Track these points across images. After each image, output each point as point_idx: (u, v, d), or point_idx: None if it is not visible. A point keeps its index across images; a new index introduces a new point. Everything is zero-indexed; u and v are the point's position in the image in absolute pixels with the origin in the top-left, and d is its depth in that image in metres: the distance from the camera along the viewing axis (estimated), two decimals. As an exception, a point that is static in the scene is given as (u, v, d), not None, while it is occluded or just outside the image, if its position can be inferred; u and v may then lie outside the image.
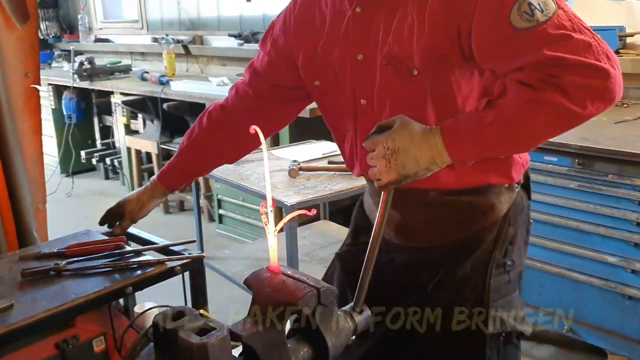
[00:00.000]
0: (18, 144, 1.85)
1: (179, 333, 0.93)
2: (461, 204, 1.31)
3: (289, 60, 1.46)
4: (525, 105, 1.05)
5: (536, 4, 1.04)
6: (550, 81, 1.02)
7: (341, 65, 1.33)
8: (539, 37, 1.03)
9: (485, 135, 1.10)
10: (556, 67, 1.01)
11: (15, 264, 1.63)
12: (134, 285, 1.53)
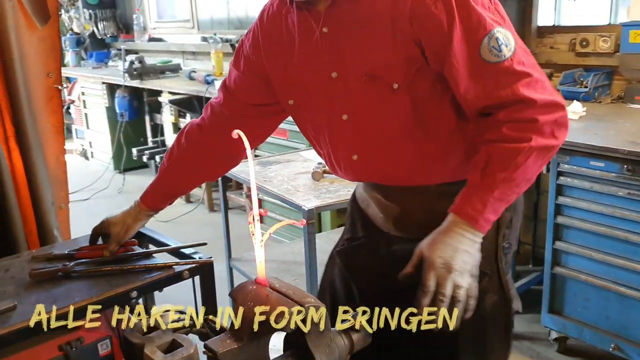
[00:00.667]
0: (39, 144, 1.87)
1: (145, 349, 0.88)
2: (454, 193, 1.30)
3: (262, 78, 1.45)
4: (519, 159, 1.14)
5: (502, 38, 1.13)
6: (529, 127, 1.13)
7: (315, 84, 1.33)
8: (508, 71, 1.14)
9: (499, 203, 1.17)
10: (527, 109, 1.12)
11: (28, 263, 1.63)
12: (139, 289, 1.50)
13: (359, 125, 1.31)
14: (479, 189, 1.17)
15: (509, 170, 1.15)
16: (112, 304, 1.49)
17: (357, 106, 1.30)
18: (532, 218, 3.60)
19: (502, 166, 1.15)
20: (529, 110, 1.13)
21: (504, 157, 1.15)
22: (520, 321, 3.12)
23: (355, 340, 1.13)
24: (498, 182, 1.16)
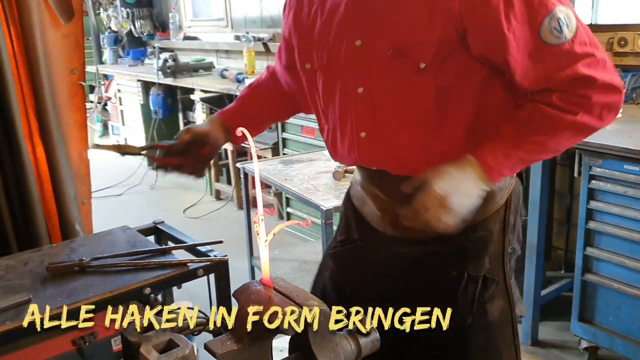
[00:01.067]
0: (62, 139, 1.89)
1: (140, 348, 0.87)
2: None
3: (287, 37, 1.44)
4: (558, 129, 1.13)
5: (563, 18, 1.09)
6: (580, 103, 1.11)
7: (336, 49, 1.25)
8: (569, 54, 1.10)
9: (519, 163, 1.17)
10: (585, 87, 1.10)
11: (47, 257, 1.65)
12: (152, 285, 1.50)
13: (374, 101, 1.23)
14: (507, 142, 1.15)
15: (544, 135, 1.13)
16: (125, 300, 1.50)
17: (376, 80, 1.22)
18: (565, 222, 3.50)
19: (540, 130, 1.13)
20: (586, 88, 1.11)
21: (544, 121, 1.13)
22: (549, 329, 3.03)
23: (363, 345, 1.10)
24: (529, 143, 1.15)
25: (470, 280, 1.27)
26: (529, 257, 2.84)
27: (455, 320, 1.25)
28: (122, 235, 1.80)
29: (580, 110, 1.11)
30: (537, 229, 2.76)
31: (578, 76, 1.10)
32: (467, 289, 1.27)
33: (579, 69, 1.10)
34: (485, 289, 1.28)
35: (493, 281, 1.28)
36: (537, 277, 2.83)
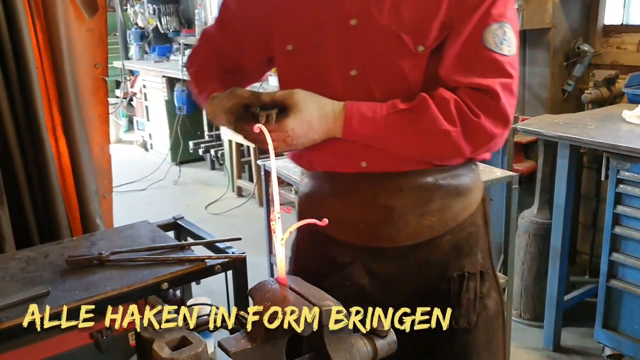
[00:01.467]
0: (85, 133, 1.90)
1: (153, 345, 0.87)
2: (435, 187, 1.22)
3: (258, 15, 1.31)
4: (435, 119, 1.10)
5: (508, 38, 1.12)
6: (469, 118, 1.10)
7: (328, 28, 1.18)
8: (496, 66, 1.11)
9: (379, 131, 1.13)
10: (490, 100, 1.10)
11: (67, 250, 1.66)
12: (170, 281, 1.50)
13: (368, 85, 1.17)
14: (385, 107, 1.13)
15: (421, 113, 1.11)
16: (142, 295, 1.50)
17: (371, 63, 1.16)
18: (591, 226, 3.43)
19: (420, 109, 1.11)
20: (490, 102, 1.11)
21: (426, 105, 1.11)
22: (572, 334, 2.98)
23: (379, 347, 1.08)
24: (403, 115, 1.12)
25: (471, 278, 1.25)
26: (552, 262, 2.78)
27: (461, 321, 1.23)
28: (142, 230, 1.80)
29: (461, 124, 1.10)
30: (561, 233, 2.71)
31: (490, 89, 1.10)
32: (469, 287, 1.24)
33: (495, 84, 1.10)
34: (483, 284, 1.26)
35: (487, 275, 1.26)
36: (561, 282, 2.78)
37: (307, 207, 1.35)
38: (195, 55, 1.47)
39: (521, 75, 3.45)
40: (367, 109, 1.14)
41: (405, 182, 1.20)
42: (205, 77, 1.37)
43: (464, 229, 1.25)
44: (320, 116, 1.13)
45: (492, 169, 2.36)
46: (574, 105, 3.38)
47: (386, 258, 1.25)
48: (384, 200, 1.21)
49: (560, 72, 3.38)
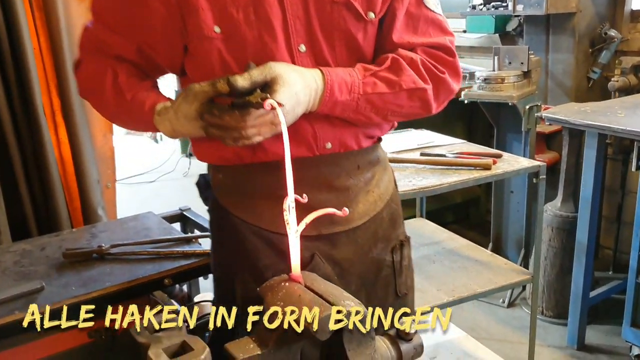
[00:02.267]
0: (86, 119, 1.80)
1: (149, 351, 0.75)
2: (376, 161, 1.21)
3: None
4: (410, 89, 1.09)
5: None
6: (437, 76, 1.12)
7: (267, 3, 1.03)
8: (440, 26, 1.15)
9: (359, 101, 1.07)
10: (446, 58, 1.13)
11: (66, 243, 1.56)
12: (174, 276, 1.39)
13: (321, 61, 1.07)
14: (359, 71, 1.07)
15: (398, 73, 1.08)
16: (144, 292, 1.39)
17: (323, 35, 1.07)
18: (615, 220, 3.28)
19: (396, 69, 1.09)
20: (448, 59, 1.14)
21: (400, 65, 1.09)
22: (597, 332, 2.85)
23: (405, 352, 0.97)
24: (381, 77, 1.08)
25: (405, 246, 1.27)
26: (577, 257, 2.65)
27: (403, 288, 1.26)
28: (146, 222, 1.70)
29: (431, 79, 1.11)
30: (587, 227, 2.57)
31: (444, 46, 1.14)
32: (404, 254, 1.27)
33: (446, 41, 1.14)
34: (410, 249, 1.29)
35: (408, 238, 1.29)
36: (587, 278, 2.64)
37: (237, 207, 1.16)
38: (86, 74, 1.16)
39: (544, 62, 3.30)
40: (345, 74, 1.06)
41: (362, 159, 1.17)
42: (116, 95, 1.10)
43: (392, 200, 1.25)
44: (304, 87, 1.01)
45: (517, 158, 2.22)
46: (599, 94, 3.23)
47: (342, 242, 1.17)
48: (342, 181, 1.15)
49: (586, 59, 3.23)
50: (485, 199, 4.18)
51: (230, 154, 1.12)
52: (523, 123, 2.99)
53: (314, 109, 1.05)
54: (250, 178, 1.14)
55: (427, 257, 2.37)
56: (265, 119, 0.99)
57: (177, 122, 1.03)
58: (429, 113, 1.17)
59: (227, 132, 0.98)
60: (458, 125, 3.89)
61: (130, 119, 1.15)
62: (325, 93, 1.03)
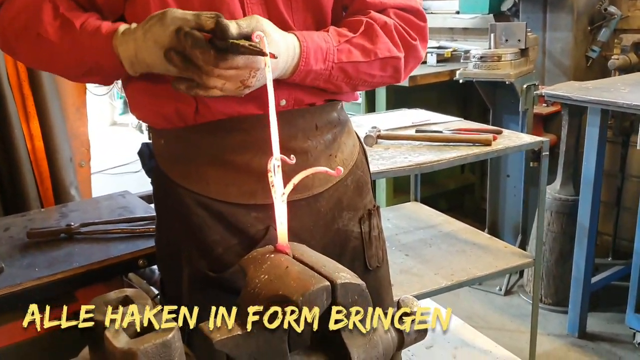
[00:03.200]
0: (56, 92, 1.66)
1: (106, 331, 0.63)
2: (337, 123, 1.12)
3: None
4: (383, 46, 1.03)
5: None
6: (409, 43, 1.07)
7: None
8: None
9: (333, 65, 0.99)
10: (414, 25, 1.08)
11: (32, 223, 1.43)
12: (149, 256, 1.26)
13: (276, 10, 0.98)
14: (333, 37, 0.99)
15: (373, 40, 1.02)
16: (116, 273, 1.27)
17: None
18: (615, 205, 3.18)
19: (371, 36, 1.02)
20: (419, 24, 1.09)
21: (375, 30, 1.02)
22: (599, 320, 2.75)
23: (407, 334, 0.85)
24: (355, 45, 1.01)
25: (373, 215, 1.18)
26: (578, 241, 2.55)
27: (373, 261, 1.17)
28: (121, 201, 1.57)
29: (405, 49, 1.06)
30: (589, 210, 2.47)
31: (416, 10, 1.08)
32: (373, 224, 1.18)
33: (417, 4, 1.09)
34: (379, 219, 1.21)
35: (377, 207, 1.21)
36: (588, 264, 2.54)
37: (181, 175, 1.04)
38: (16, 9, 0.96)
39: (541, 40, 3.19)
40: (320, 40, 0.98)
41: (320, 118, 1.08)
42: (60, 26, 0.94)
43: (358, 167, 1.17)
44: (285, 50, 0.92)
45: (518, 134, 2.11)
46: (599, 73, 3.12)
47: (302, 211, 1.06)
48: (300, 142, 1.05)
49: (584, 38, 3.12)
50: (480, 185, 4.07)
51: (171, 111, 0.99)
52: (520, 103, 2.89)
53: (286, 77, 0.95)
54: (194, 142, 1.01)
55: (424, 241, 2.25)
56: (238, 73, 0.86)
57: (144, 44, 0.87)
58: (397, 82, 1.12)
59: (189, 70, 0.84)
60: (451, 107, 3.78)
61: (76, 54, 0.94)
62: (300, 61, 0.95)
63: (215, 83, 0.85)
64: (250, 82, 0.88)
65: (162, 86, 0.97)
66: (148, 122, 1.08)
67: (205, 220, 1.03)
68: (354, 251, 1.15)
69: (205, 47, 0.82)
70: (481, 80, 2.96)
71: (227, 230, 1.03)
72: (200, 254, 1.03)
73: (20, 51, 1.00)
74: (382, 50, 1.02)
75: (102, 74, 0.96)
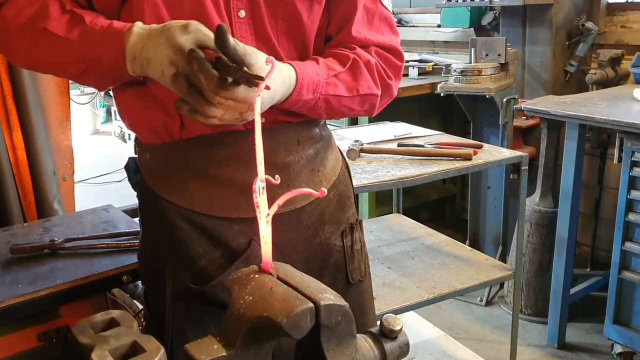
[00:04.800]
0: (40, 105, 1.66)
1: (92, 353, 0.64)
2: (319, 138, 1.14)
3: None
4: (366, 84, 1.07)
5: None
6: (386, 82, 1.10)
7: None
8: (392, 26, 1.14)
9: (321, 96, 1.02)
10: (392, 65, 1.12)
11: (15, 238, 1.42)
12: (132, 272, 1.27)
13: (261, 31, 0.99)
14: (322, 70, 1.02)
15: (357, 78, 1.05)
16: (100, 289, 1.27)
17: (263, 5, 0.99)
18: (593, 217, 3.24)
19: (355, 73, 1.05)
20: (397, 63, 1.13)
21: (359, 68, 1.05)
22: (578, 331, 2.79)
23: (389, 351, 0.87)
24: (341, 80, 1.04)
25: (355, 229, 1.20)
26: (558, 252, 2.59)
27: (355, 275, 1.18)
28: (104, 215, 1.57)
29: (382, 87, 1.10)
30: (568, 221, 2.51)
31: (395, 49, 1.12)
32: (355, 238, 1.19)
33: (396, 43, 1.13)
34: (362, 233, 1.23)
35: (359, 222, 1.22)
36: (567, 275, 2.58)
37: (166, 189, 1.05)
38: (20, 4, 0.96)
39: (521, 55, 3.24)
40: (313, 73, 1.00)
41: (302, 133, 1.10)
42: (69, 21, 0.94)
43: (340, 181, 1.19)
44: (281, 83, 0.94)
45: (498, 149, 2.15)
46: (576, 87, 3.18)
47: (284, 225, 1.06)
48: (282, 157, 1.07)
49: (563, 52, 3.18)
50: (461, 196, 4.12)
51: (158, 123, 1.00)
52: (500, 116, 2.93)
53: (279, 103, 0.97)
54: (178, 156, 1.03)
55: (406, 253, 2.28)
56: (237, 105, 0.86)
57: (156, 39, 0.86)
58: (370, 116, 1.17)
59: (190, 96, 0.85)
60: (433, 119, 3.82)
61: (80, 48, 0.93)
62: (294, 91, 0.98)
63: (215, 112, 0.85)
64: (248, 115, 0.90)
65: (153, 98, 1.00)
66: (136, 132, 1.08)
67: (188, 233, 1.04)
68: (336, 265, 1.16)
69: (209, 72, 0.82)
70: (462, 93, 3.01)
71: (210, 243, 1.04)
72: (183, 267, 1.04)
73: (19, 48, 0.98)
74: (364, 88, 1.06)
75: (98, 73, 0.95)
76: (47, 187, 1.69)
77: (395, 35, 1.14)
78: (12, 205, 1.62)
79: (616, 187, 2.34)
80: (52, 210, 1.71)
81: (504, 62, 2.95)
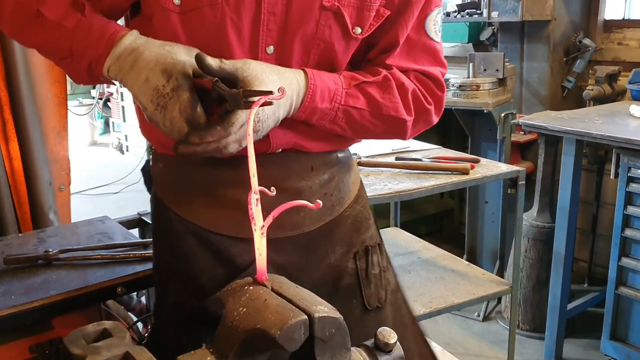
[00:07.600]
0: (37, 115, 1.66)
1: (83, 364, 0.63)
2: (335, 162, 1.10)
3: None
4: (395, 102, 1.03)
5: (440, 22, 1.07)
6: (423, 107, 1.06)
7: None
8: (436, 56, 1.07)
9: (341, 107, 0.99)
10: (434, 91, 1.07)
11: (9, 248, 1.41)
12: (127, 283, 1.26)
13: (283, 65, 0.95)
14: (347, 79, 0.99)
15: (384, 95, 1.01)
16: (94, 301, 1.26)
17: (295, 41, 0.95)
18: (590, 232, 3.24)
19: (383, 89, 1.02)
20: (437, 91, 1.08)
21: (390, 86, 1.01)
22: (575, 346, 2.78)
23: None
24: (365, 92, 1.00)
25: (373, 252, 1.14)
26: (555, 268, 2.58)
27: (372, 300, 1.13)
28: (100, 226, 1.56)
29: (416, 113, 1.05)
30: (565, 237, 2.51)
31: (436, 78, 1.07)
32: (373, 262, 1.14)
33: (438, 73, 1.07)
34: (382, 257, 1.17)
35: (383, 247, 1.18)
36: (564, 290, 2.57)
37: (173, 200, 1.05)
38: None
39: (519, 70, 3.26)
40: (329, 81, 0.97)
41: (316, 160, 1.07)
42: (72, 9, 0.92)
43: (357, 202, 1.15)
44: (289, 84, 0.92)
45: (495, 163, 2.15)
46: (574, 103, 3.20)
47: (291, 248, 1.06)
48: (293, 183, 1.05)
49: (560, 68, 3.20)
50: (459, 211, 4.12)
51: (170, 140, 0.96)
52: (498, 131, 2.94)
53: (295, 112, 0.95)
54: (188, 171, 1.02)
55: (403, 267, 2.27)
56: (245, 128, 0.86)
57: (152, 44, 0.88)
58: (402, 139, 1.13)
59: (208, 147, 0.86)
60: (431, 134, 3.81)
61: (73, 37, 0.92)
62: (306, 98, 0.94)
63: (233, 147, 0.88)
64: (257, 126, 0.89)
65: None
66: (151, 142, 1.08)
67: (193, 247, 1.03)
68: (349, 288, 1.11)
69: (210, 128, 0.85)
70: (460, 108, 3.02)
71: (215, 259, 1.03)
72: (186, 282, 1.02)
73: (11, 24, 0.96)
74: (388, 108, 1.02)
75: (76, 64, 0.93)
76: (43, 197, 1.68)
77: (438, 67, 1.07)
78: (7, 215, 1.62)
79: (613, 202, 2.34)
80: (48, 220, 1.70)
81: (502, 77, 2.97)
